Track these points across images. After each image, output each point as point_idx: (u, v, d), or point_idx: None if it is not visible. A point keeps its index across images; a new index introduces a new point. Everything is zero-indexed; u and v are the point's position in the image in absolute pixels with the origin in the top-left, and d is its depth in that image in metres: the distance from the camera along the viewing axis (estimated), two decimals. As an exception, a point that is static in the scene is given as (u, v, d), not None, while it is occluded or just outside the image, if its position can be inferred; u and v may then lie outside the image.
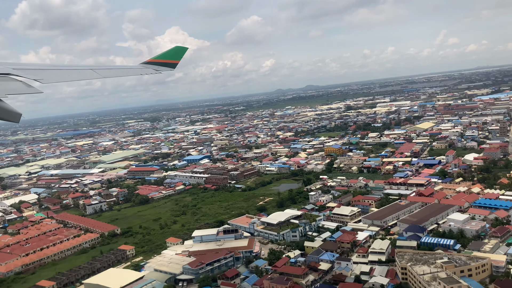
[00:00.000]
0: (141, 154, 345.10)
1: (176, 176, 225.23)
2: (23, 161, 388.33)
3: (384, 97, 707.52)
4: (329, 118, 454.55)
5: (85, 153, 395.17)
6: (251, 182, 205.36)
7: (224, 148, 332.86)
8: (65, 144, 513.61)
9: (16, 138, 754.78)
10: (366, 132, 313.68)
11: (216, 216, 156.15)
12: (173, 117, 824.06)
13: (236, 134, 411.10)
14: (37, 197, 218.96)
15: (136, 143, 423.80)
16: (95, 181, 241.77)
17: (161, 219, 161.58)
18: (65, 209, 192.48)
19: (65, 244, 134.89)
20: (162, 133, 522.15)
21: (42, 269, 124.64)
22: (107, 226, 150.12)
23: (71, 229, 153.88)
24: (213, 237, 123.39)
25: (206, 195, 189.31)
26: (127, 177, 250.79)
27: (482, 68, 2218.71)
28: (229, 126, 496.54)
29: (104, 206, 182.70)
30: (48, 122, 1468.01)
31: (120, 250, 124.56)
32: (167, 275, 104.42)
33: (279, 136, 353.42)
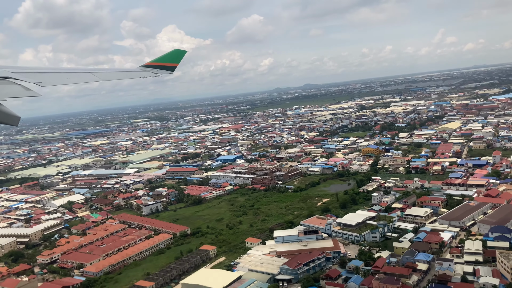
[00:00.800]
0: (167, 154, 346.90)
1: (219, 176, 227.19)
2: (46, 161, 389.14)
3: (394, 97, 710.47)
4: (347, 117, 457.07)
5: (107, 153, 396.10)
6: (298, 182, 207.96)
7: (251, 148, 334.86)
8: (82, 144, 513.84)
9: (25, 137, 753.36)
10: (394, 132, 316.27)
11: (280, 216, 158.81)
12: (181, 117, 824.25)
13: (257, 134, 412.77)
14: (83, 197, 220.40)
15: (157, 143, 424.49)
16: (136, 181, 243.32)
17: (224, 219, 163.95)
18: (118, 210, 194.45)
19: (144, 245, 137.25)
20: (177, 132, 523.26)
21: (126, 269, 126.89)
22: (177, 227, 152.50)
23: (138, 230, 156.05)
24: (294, 238, 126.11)
25: (258, 195, 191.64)
26: (166, 177, 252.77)
27: (479, 67, 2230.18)
28: (246, 126, 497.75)
29: (160, 206, 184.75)
30: (49, 121, 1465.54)
31: (203, 251, 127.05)
32: (266, 275, 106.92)
33: (303, 136, 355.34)
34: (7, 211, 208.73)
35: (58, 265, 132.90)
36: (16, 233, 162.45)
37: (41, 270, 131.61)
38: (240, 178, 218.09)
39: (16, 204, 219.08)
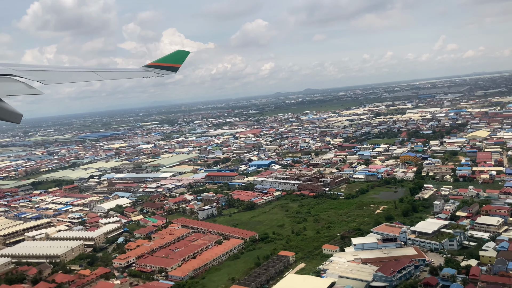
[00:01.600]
0: (195, 158, 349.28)
1: (262, 182, 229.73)
2: (70, 164, 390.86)
3: (404, 103, 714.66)
4: (366, 124, 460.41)
5: (131, 156, 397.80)
6: (345, 189, 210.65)
7: (279, 153, 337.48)
8: (100, 146, 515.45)
9: (35, 139, 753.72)
10: (422, 139, 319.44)
11: (343, 224, 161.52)
12: (191, 120, 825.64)
13: (279, 139, 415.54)
14: (130, 201, 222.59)
15: (179, 147, 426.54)
16: (177, 185, 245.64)
17: (285, 225, 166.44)
18: (170, 214, 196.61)
19: (219, 249, 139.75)
20: (195, 136, 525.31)
21: (207, 274, 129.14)
22: (245, 232, 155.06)
23: (203, 234, 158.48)
24: (374, 245, 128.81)
25: (310, 202, 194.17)
26: (205, 181, 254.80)
27: (479, 74, 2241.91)
28: (264, 131, 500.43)
29: (215, 211, 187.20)
30: (51, 122, 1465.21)
31: (283, 257, 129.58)
32: (360, 282, 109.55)
33: (329, 142, 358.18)
34: (57, 213, 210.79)
35: (136, 269, 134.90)
36: (81, 236, 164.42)
37: (121, 273, 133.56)
38: (285, 184, 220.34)
39: (64, 207, 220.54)
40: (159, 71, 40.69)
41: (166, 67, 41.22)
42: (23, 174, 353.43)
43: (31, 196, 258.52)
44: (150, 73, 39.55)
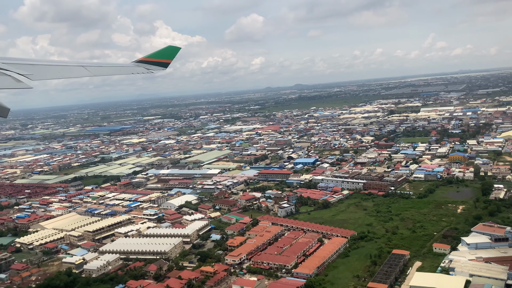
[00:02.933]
0: (230, 155, 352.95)
1: (323, 180, 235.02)
2: (98, 159, 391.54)
3: (410, 101, 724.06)
4: (386, 122, 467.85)
5: (160, 152, 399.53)
6: (410, 188, 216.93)
7: (311, 150, 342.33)
8: (118, 141, 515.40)
9: (41, 132, 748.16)
10: (456, 138, 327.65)
11: (432, 223, 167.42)
12: (196, 115, 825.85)
13: (306, 136, 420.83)
14: (196, 197, 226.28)
15: (206, 143, 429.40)
16: (234, 182, 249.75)
17: (373, 224, 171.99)
18: (244, 211, 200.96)
19: (330, 247, 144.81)
20: (213, 132, 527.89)
21: (326, 271, 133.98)
22: (344, 231, 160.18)
23: (297, 232, 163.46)
24: (488, 245, 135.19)
25: (384, 201, 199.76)
26: (258, 179, 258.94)
27: (465, 72, 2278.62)
28: (283, 127, 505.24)
29: (293, 208, 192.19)
30: (43, 115, 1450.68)
31: (400, 255, 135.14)
32: (495, 281, 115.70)
33: (361, 140, 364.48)
34: (128, 210, 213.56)
35: (253, 266, 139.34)
36: (177, 233, 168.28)
37: (240, 270, 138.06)
38: (348, 182, 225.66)
39: (133, 203, 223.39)
40: (150, 66, 40.81)
41: (156, 62, 41.33)
42: (56, 169, 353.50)
43: (85, 192, 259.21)
44: (140, 69, 39.68)
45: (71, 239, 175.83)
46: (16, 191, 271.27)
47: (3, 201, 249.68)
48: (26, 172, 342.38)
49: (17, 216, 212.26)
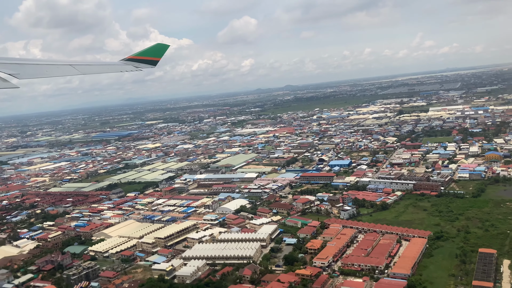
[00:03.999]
0: (258, 158, 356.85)
1: (370, 182, 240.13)
2: (122, 165, 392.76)
3: (414, 101, 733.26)
4: (401, 122, 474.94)
5: (183, 157, 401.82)
6: (459, 188, 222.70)
7: (339, 152, 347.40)
8: (133, 147, 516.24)
9: (45, 139, 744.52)
10: (480, 137, 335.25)
11: (501, 221, 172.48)
12: (200, 119, 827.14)
13: (326, 138, 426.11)
14: (247, 202, 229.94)
15: (226, 147, 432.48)
16: (279, 185, 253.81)
17: (440, 224, 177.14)
18: (303, 214, 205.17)
19: (415, 248, 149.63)
20: (226, 136, 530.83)
21: (418, 270, 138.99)
22: (419, 232, 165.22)
23: (376, 234, 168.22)
24: None
25: (439, 201, 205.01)
26: (300, 181, 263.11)
27: (452, 70, 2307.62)
28: (298, 129, 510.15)
29: (355, 211, 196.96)
30: (36, 121, 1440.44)
31: (489, 254, 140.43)
32: None
33: (385, 140, 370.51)
34: (186, 216, 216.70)
35: (344, 267, 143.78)
36: (252, 237, 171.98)
37: (333, 272, 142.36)
38: (397, 183, 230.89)
39: (187, 209, 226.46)
40: (138, 64, 40.77)
41: (145, 60, 41.20)
42: (84, 176, 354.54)
43: (130, 199, 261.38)
44: (129, 67, 39.58)
45: (144, 246, 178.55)
46: (57, 199, 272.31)
47: (50, 210, 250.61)
48: (56, 180, 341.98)
49: (75, 225, 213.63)
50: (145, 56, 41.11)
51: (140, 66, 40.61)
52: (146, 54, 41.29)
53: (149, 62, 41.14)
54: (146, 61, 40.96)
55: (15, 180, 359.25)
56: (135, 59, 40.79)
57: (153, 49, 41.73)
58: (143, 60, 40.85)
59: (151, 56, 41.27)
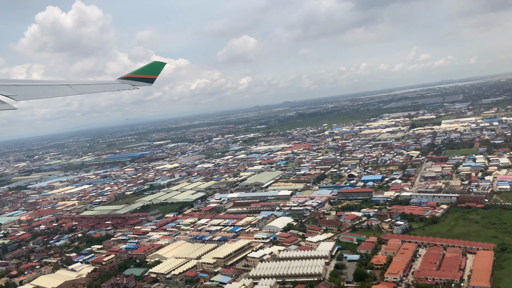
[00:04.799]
0: (285, 175, 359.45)
1: (411, 196, 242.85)
2: (148, 187, 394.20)
3: (421, 114, 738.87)
4: (418, 136, 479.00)
5: (207, 176, 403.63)
6: (503, 199, 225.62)
7: (367, 167, 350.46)
8: (152, 167, 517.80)
9: (56, 162, 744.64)
10: (505, 149, 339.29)
11: None
12: (209, 138, 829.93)
13: (347, 153, 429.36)
14: (292, 219, 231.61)
15: (248, 165, 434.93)
16: (319, 202, 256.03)
17: (498, 237, 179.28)
18: (353, 230, 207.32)
19: (485, 261, 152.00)
20: (243, 154, 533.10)
21: (496, 283, 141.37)
22: (484, 244, 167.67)
23: (438, 247, 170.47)
24: None
25: (488, 213, 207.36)
26: (338, 198, 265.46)
27: (448, 82, 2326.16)
28: (315, 145, 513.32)
29: (407, 225, 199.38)
30: (38, 145, 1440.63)
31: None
32: None
33: (409, 154, 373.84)
34: (236, 235, 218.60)
35: (418, 282, 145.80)
36: (314, 254, 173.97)
37: (408, 287, 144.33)
38: (440, 197, 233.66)
39: (234, 228, 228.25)
40: (135, 82, 40.90)
41: (142, 78, 41.38)
42: (112, 198, 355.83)
43: (171, 220, 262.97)
44: (126, 85, 39.50)
45: (204, 266, 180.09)
46: (95, 223, 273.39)
47: (92, 233, 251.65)
48: (85, 204, 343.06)
49: (126, 247, 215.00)
50: (142, 74, 41.51)
51: (137, 84, 40.90)
52: (143, 72, 41.71)
53: (146, 80, 41.42)
54: (143, 79, 41.31)
55: (43, 205, 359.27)
56: (132, 77, 41.12)
57: (149, 67, 42.27)
58: (140, 78, 41.25)
59: (148, 74, 41.66)
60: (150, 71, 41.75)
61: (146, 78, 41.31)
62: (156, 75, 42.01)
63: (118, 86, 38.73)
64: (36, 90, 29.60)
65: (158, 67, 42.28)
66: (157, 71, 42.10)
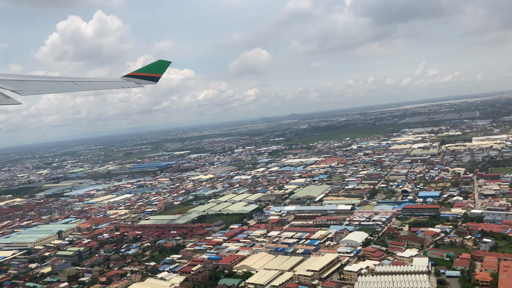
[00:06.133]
0: (334, 190, 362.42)
1: (482, 213, 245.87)
2: (192, 197, 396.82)
3: (447, 130, 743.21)
4: (454, 152, 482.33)
5: (250, 187, 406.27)
6: None
7: (418, 183, 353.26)
8: (186, 178, 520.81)
9: (78, 170, 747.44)
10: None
11: None
12: (230, 149, 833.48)
13: (388, 168, 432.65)
14: (367, 235, 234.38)
15: (288, 178, 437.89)
16: (387, 218, 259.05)
17: None
18: (436, 246, 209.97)
19: None
20: (276, 167, 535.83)
21: None
22: None
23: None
24: None
25: None
26: (403, 213, 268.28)
27: (453, 98, 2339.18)
28: (349, 160, 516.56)
29: (493, 242, 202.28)
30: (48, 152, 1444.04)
31: None
32: None
33: (455, 171, 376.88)
34: (317, 248, 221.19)
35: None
36: (410, 270, 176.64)
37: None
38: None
39: (311, 241, 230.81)
40: (140, 81, 41.05)
41: (147, 77, 41.44)
42: (163, 208, 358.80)
43: (239, 231, 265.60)
44: (130, 83, 39.80)
45: (300, 278, 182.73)
46: (159, 232, 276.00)
47: (162, 242, 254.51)
48: (137, 213, 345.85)
49: (209, 258, 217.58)
50: (147, 72, 41.68)
51: (141, 83, 41.06)
52: (148, 70, 41.84)
53: (150, 78, 41.63)
54: (148, 78, 41.42)
55: (93, 213, 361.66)
56: (136, 75, 41.26)
57: (154, 66, 42.36)
58: (145, 77, 41.35)
59: (152, 72, 41.83)
60: (155, 69, 42.02)
61: (150, 77, 41.57)
62: (161, 73, 42.30)
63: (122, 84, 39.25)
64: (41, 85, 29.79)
65: (163, 66, 42.55)
66: (162, 69, 42.45)
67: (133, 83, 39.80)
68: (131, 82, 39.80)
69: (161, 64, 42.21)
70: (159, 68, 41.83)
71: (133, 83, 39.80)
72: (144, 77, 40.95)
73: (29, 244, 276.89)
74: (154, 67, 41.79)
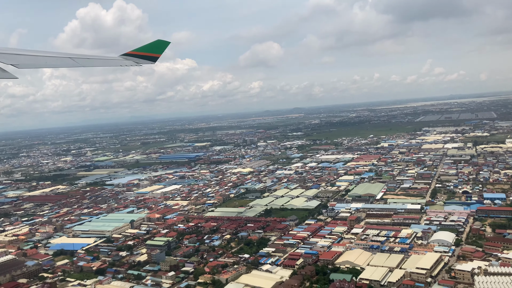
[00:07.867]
0: (390, 188, 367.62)
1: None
2: (244, 191, 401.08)
3: (473, 130, 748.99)
4: (494, 154, 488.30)
5: (301, 183, 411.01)
6: None
7: (476, 184, 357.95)
8: (225, 170, 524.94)
9: (103, 158, 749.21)
10: None
11: None
12: (252, 142, 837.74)
13: (432, 168, 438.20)
14: (454, 235, 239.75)
15: (333, 174, 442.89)
16: (464, 219, 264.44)
17: None
18: None
19: None
20: (314, 162, 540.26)
21: None
22: None
23: None
24: None
25: None
26: (477, 215, 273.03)
27: (457, 97, 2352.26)
28: (388, 158, 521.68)
29: None
30: (56, 139, 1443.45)
31: None
32: None
33: (506, 173, 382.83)
34: (411, 246, 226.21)
35: None
36: None
37: None
38: None
39: (404, 240, 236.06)
40: (138, 60, 40.88)
41: (145, 56, 41.34)
42: (221, 200, 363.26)
43: (318, 227, 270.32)
44: (128, 62, 39.67)
45: (414, 276, 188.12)
46: (237, 225, 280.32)
47: (246, 235, 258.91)
48: (197, 204, 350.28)
49: (305, 252, 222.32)
50: (145, 52, 41.41)
51: (140, 62, 40.93)
52: (147, 50, 41.51)
53: (149, 58, 41.54)
54: (146, 57, 41.36)
55: (151, 203, 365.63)
56: (135, 54, 41.07)
57: (153, 45, 42.11)
58: (143, 56, 41.25)
59: (151, 52, 41.60)
60: (153, 49, 41.76)
61: (149, 56, 41.51)
62: (160, 53, 41.89)
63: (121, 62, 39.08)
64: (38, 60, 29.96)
65: (161, 46, 42.39)
66: (161, 49, 42.19)
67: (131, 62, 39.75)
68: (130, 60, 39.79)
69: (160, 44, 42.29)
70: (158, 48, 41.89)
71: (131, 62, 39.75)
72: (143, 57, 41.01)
73: (106, 233, 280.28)
74: (153, 46, 41.74)
